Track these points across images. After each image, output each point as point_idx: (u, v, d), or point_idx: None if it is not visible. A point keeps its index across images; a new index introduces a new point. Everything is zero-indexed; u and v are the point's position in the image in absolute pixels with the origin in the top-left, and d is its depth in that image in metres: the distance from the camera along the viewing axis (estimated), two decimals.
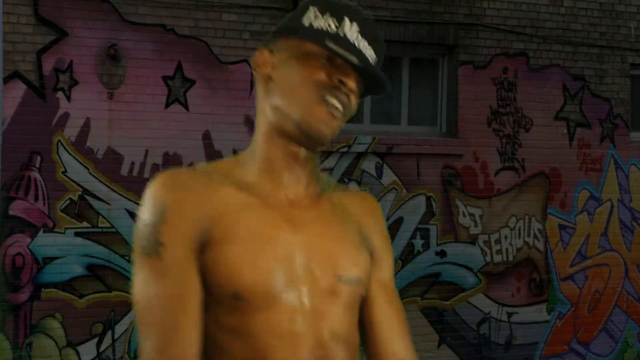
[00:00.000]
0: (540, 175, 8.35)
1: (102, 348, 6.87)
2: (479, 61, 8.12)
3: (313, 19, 1.65)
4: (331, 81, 1.62)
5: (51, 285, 6.72)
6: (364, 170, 7.60)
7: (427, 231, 7.94)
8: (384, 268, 1.76)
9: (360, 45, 1.63)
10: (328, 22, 1.63)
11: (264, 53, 1.70)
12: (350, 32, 1.63)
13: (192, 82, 7.14)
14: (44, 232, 6.70)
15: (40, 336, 6.69)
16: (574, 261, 8.51)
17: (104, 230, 6.86)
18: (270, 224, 1.61)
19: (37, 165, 6.69)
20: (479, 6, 8.13)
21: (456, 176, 8.00)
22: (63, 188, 6.77)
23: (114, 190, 6.90)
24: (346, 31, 1.63)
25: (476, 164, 8.10)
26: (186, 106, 7.12)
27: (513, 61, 8.25)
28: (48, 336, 6.72)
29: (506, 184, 8.21)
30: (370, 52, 1.66)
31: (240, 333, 1.57)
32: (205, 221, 1.58)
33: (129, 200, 6.93)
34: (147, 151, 6.99)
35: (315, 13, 1.65)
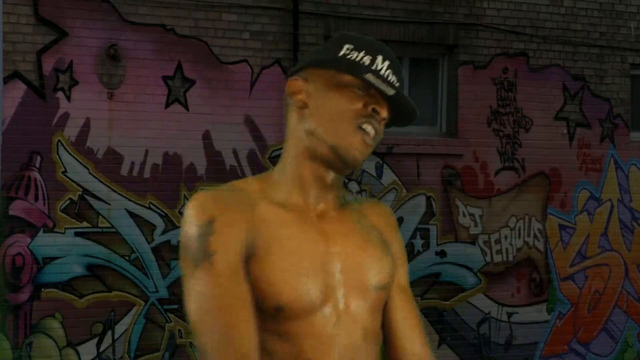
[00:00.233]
0: (540, 175, 8.35)
1: (102, 348, 6.88)
2: (479, 61, 8.12)
3: (348, 54, 1.81)
4: (366, 110, 1.77)
5: (51, 285, 6.72)
6: (364, 170, 7.60)
7: (427, 231, 7.94)
8: (401, 274, 1.91)
9: (391, 78, 1.81)
10: (362, 58, 1.80)
11: (298, 81, 1.82)
12: (382, 67, 1.81)
13: (192, 82, 7.14)
14: (44, 232, 6.70)
15: (40, 336, 6.69)
16: (574, 261, 8.52)
17: (104, 230, 6.87)
18: (306, 239, 1.75)
19: (37, 165, 6.69)
20: (479, 6, 8.14)
21: (456, 176, 8.00)
22: (63, 188, 6.77)
23: (114, 190, 6.90)
24: (379, 66, 1.80)
25: (476, 164, 8.10)
26: (186, 106, 7.12)
27: (513, 61, 8.25)
28: (48, 336, 6.72)
29: (506, 184, 8.21)
30: (398, 85, 1.83)
31: (281, 335, 1.70)
32: (249, 232, 1.69)
33: (129, 200, 6.93)
34: (147, 151, 6.99)
35: (349, 48, 1.82)
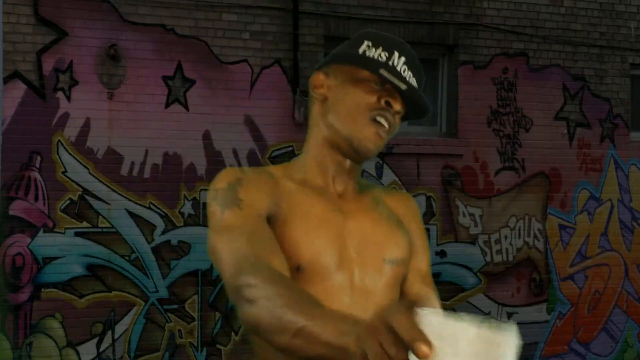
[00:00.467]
0: (540, 175, 8.35)
1: (102, 348, 6.88)
2: (479, 61, 8.12)
3: (367, 50, 1.91)
4: (380, 103, 1.87)
5: (51, 285, 6.72)
6: (364, 170, 7.60)
7: (427, 231, 7.89)
8: (421, 260, 1.99)
9: (406, 74, 1.89)
10: (380, 54, 1.90)
11: (320, 76, 1.94)
12: (398, 63, 1.89)
13: (192, 82, 7.14)
14: (44, 232, 6.70)
15: (40, 336, 6.69)
16: (574, 261, 8.52)
17: (104, 230, 6.87)
18: (326, 210, 1.88)
19: (37, 165, 6.69)
20: (479, 6, 8.14)
21: (456, 176, 8.01)
22: (63, 188, 6.77)
23: (114, 190, 6.90)
24: (395, 62, 1.89)
25: (476, 164, 8.10)
26: (186, 106, 7.12)
27: (513, 61, 8.25)
28: (48, 336, 6.72)
29: (506, 184, 8.21)
30: (413, 81, 1.90)
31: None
32: (274, 196, 1.83)
33: (129, 200, 6.93)
34: (147, 151, 6.99)
35: (368, 45, 1.91)
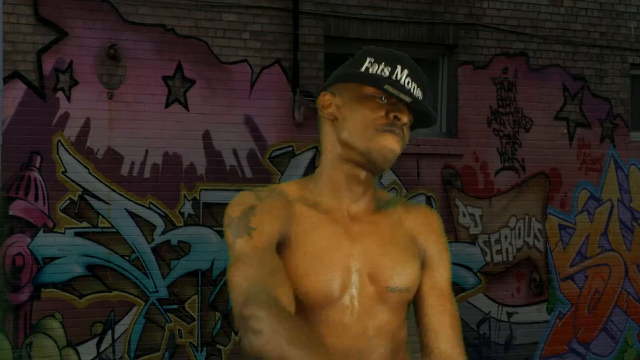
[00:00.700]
0: (540, 175, 8.35)
1: (102, 348, 6.88)
2: (479, 61, 8.12)
3: (370, 67, 1.96)
4: (388, 118, 1.92)
5: (51, 285, 6.72)
6: None
7: None
8: (438, 275, 2.04)
9: (410, 86, 1.94)
10: (382, 69, 1.95)
11: (327, 96, 2.00)
12: (401, 77, 1.94)
13: (192, 82, 7.14)
14: (44, 232, 6.70)
15: (40, 336, 6.70)
16: (574, 261, 8.52)
17: (104, 230, 6.87)
18: (333, 237, 1.94)
19: (37, 165, 6.70)
20: (479, 6, 8.14)
21: (456, 176, 8.00)
22: (63, 188, 6.77)
23: (114, 190, 6.90)
24: (398, 76, 1.94)
25: (476, 164, 8.10)
26: (186, 106, 7.12)
27: (513, 61, 8.25)
28: (48, 336, 6.72)
29: (506, 184, 8.21)
30: (418, 92, 1.96)
31: (300, 319, 1.90)
32: (285, 221, 1.90)
33: (129, 200, 6.93)
34: (147, 151, 6.99)
35: (371, 62, 1.97)
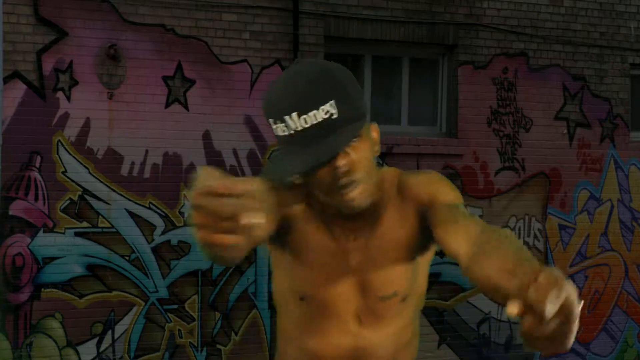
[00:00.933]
0: (540, 175, 8.35)
1: (102, 348, 6.87)
2: (479, 61, 8.12)
3: (274, 129, 1.83)
4: (326, 175, 1.82)
5: (51, 285, 6.72)
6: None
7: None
8: (440, 201, 1.92)
9: (307, 124, 1.76)
10: (280, 128, 1.79)
11: None
12: (294, 124, 1.76)
13: (192, 82, 7.14)
14: (44, 232, 6.70)
15: (40, 336, 6.69)
16: (574, 261, 8.52)
17: (104, 230, 6.86)
18: (330, 249, 1.98)
19: (37, 165, 6.69)
20: (479, 6, 8.13)
21: (456, 176, 8.00)
22: (63, 188, 6.77)
23: (114, 190, 6.90)
24: (291, 126, 1.76)
25: (476, 164, 8.10)
26: (186, 106, 7.12)
27: (513, 61, 8.25)
28: (48, 336, 6.72)
29: (506, 184, 8.21)
30: (320, 116, 1.76)
31: (300, 322, 2.08)
32: (288, 215, 1.94)
33: (129, 200, 6.93)
34: (147, 151, 6.99)
35: (271, 122, 1.83)
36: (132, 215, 6.96)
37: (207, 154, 7.17)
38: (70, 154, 6.79)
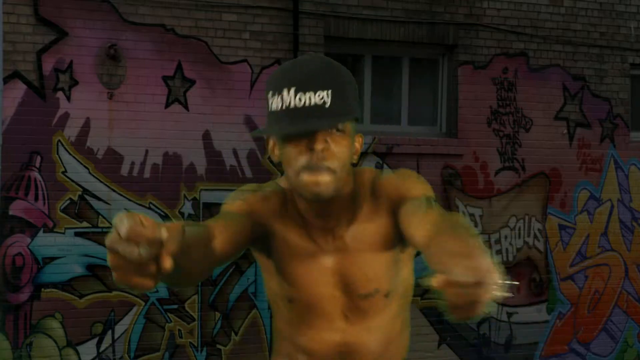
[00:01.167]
0: (540, 175, 8.35)
1: (102, 348, 6.88)
2: (479, 61, 8.12)
3: (269, 104, 1.90)
4: (301, 154, 1.88)
5: (51, 285, 6.72)
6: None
7: None
8: (408, 197, 1.99)
9: (302, 101, 1.84)
10: (275, 102, 1.87)
11: (270, 142, 2.03)
12: (289, 100, 1.84)
13: (192, 82, 7.14)
14: (44, 232, 6.70)
15: (40, 336, 6.69)
16: (574, 261, 8.51)
17: (104, 230, 6.86)
18: (312, 255, 2.07)
19: (37, 165, 6.69)
20: (479, 6, 8.13)
21: (456, 176, 8.00)
22: (63, 188, 6.77)
23: (114, 190, 6.90)
24: (285, 100, 1.84)
25: (476, 164, 8.10)
26: (186, 106, 7.12)
27: (513, 61, 8.25)
28: (48, 336, 6.72)
29: (506, 184, 8.21)
30: (316, 98, 1.84)
31: (290, 322, 2.18)
32: (265, 222, 2.05)
33: (129, 200, 6.93)
34: (147, 151, 6.99)
35: (269, 96, 1.90)
36: None
37: (207, 154, 7.17)
38: (70, 154, 6.79)
